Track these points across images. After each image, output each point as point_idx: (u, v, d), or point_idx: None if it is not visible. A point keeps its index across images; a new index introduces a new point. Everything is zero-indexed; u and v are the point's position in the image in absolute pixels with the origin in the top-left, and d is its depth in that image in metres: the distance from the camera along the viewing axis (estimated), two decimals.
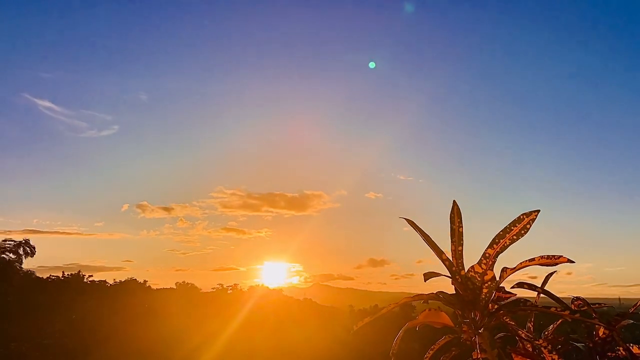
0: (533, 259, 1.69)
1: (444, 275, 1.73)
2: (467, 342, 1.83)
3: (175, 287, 51.49)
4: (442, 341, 1.96)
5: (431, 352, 1.96)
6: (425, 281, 1.65)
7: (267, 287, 57.93)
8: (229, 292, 52.75)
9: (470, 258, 1.74)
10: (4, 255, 22.64)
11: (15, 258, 23.03)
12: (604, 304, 2.19)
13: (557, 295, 1.98)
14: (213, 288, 53.92)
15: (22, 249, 22.83)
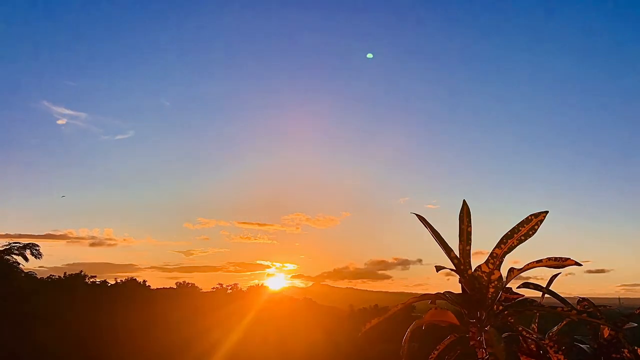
0: (541, 261, 1.69)
1: (452, 270, 1.74)
2: (474, 342, 1.84)
3: (175, 287, 51.57)
4: (447, 340, 1.97)
5: (437, 351, 1.96)
6: (437, 272, 1.67)
7: (267, 287, 57.88)
8: (228, 291, 52.78)
9: (478, 257, 1.74)
10: (7, 257, 22.80)
11: (15, 262, 23.23)
12: (610, 305, 2.19)
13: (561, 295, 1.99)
14: (213, 288, 53.93)
15: (28, 251, 23.03)
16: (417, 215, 1.81)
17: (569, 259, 1.67)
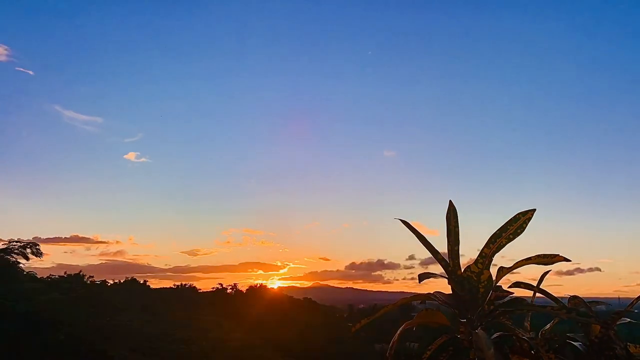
0: (530, 258, 1.69)
1: (439, 276, 1.74)
2: (465, 342, 1.84)
3: (174, 287, 51.51)
4: (440, 341, 1.97)
5: (429, 352, 1.96)
6: (420, 282, 1.66)
7: (267, 287, 57.78)
8: (228, 291, 52.71)
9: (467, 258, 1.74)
10: (8, 257, 22.72)
11: (16, 261, 23.23)
12: (601, 303, 2.20)
13: (555, 295, 1.99)
14: (213, 288, 53.89)
15: (29, 250, 22.93)
16: (401, 220, 1.81)
17: (558, 255, 1.67)
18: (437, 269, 1.77)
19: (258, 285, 56.24)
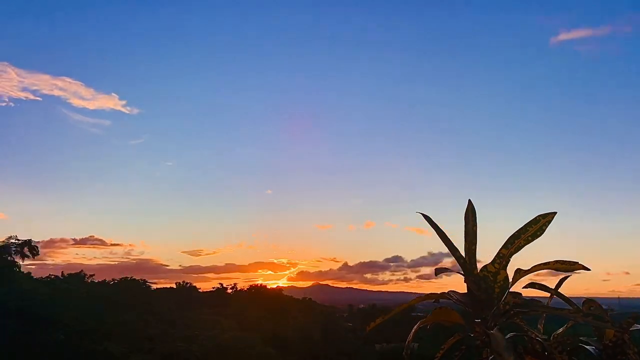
0: (548, 263, 1.68)
1: (456, 272, 1.73)
2: (479, 342, 1.83)
3: (174, 286, 51.56)
4: (452, 339, 1.97)
5: (442, 351, 1.96)
6: (436, 275, 1.66)
7: (266, 287, 57.73)
8: (228, 291, 52.73)
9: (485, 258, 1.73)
10: (5, 255, 22.82)
11: (12, 260, 23.30)
12: (613, 309, 2.19)
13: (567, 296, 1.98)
14: (213, 287, 53.94)
15: (26, 248, 23.02)
16: (422, 214, 1.80)
17: (577, 263, 1.66)
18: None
19: (258, 285, 56.29)
